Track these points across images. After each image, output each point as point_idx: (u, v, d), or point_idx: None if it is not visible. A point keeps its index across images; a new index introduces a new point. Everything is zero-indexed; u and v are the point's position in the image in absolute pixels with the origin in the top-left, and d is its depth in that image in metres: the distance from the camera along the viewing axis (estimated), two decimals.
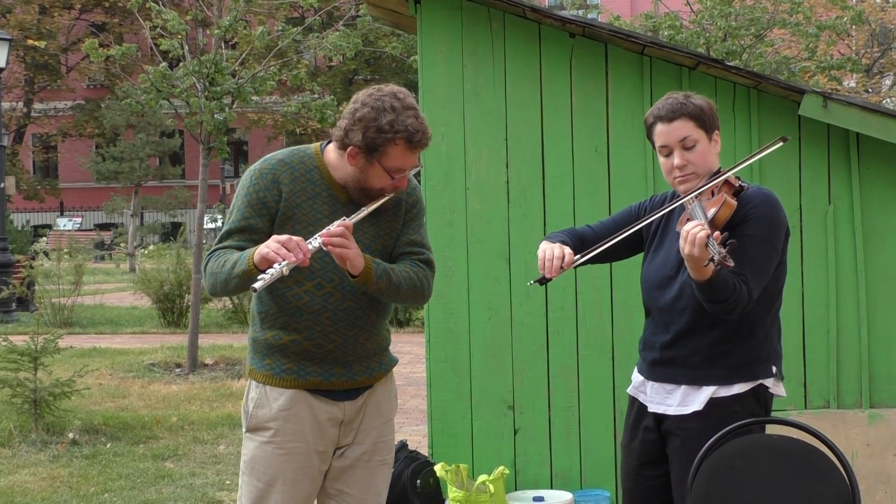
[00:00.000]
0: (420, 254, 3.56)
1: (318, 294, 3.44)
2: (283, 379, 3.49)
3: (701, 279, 3.27)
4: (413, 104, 3.40)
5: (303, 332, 3.45)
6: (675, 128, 3.54)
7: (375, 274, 3.36)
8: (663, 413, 3.59)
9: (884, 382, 5.86)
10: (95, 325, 16.50)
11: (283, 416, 3.48)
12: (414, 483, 5.72)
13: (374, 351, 3.57)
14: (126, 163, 35.22)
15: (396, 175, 3.41)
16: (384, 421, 3.64)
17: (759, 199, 3.49)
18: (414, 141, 3.35)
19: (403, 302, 3.54)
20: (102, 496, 6.84)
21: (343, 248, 3.27)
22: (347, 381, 3.52)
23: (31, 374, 8.33)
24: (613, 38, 5.88)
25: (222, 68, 11.50)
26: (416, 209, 3.60)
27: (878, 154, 5.82)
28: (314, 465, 3.52)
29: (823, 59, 15.58)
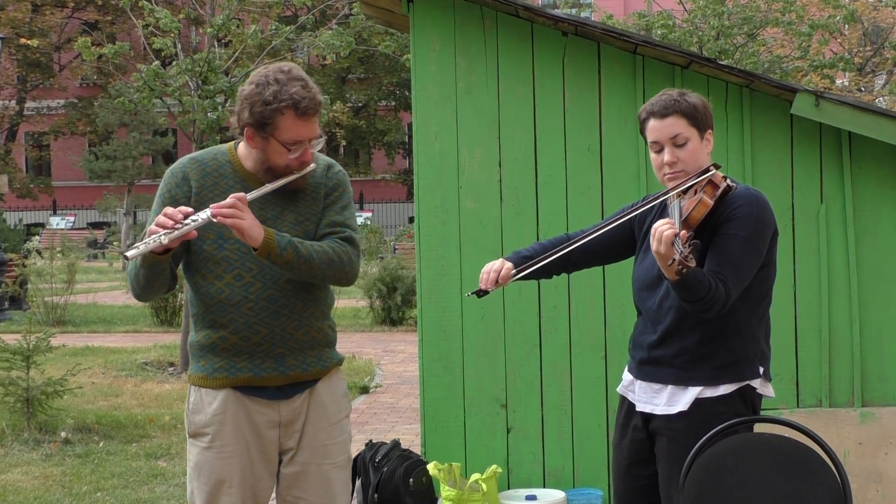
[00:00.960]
0: (340, 232, 3.47)
1: (238, 285, 3.41)
2: (216, 379, 3.45)
3: (671, 278, 3.29)
4: (301, 76, 3.38)
5: (228, 327, 3.42)
6: (667, 124, 3.53)
7: (278, 245, 3.29)
8: (651, 412, 3.59)
9: (876, 381, 5.87)
10: (88, 324, 16.48)
11: (219, 420, 3.45)
12: (407, 482, 5.72)
13: (308, 344, 3.49)
14: (119, 161, 35.16)
15: (293, 147, 3.37)
16: (331, 423, 3.55)
17: (744, 199, 3.48)
18: (300, 108, 3.32)
19: (322, 279, 3.42)
20: (95, 495, 6.84)
21: (234, 218, 3.23)
22: (279, 376, 3.44)
23: (24, 373, 8.32)
24: (606, 36, 5.89)
25: (215, 67, 11.50)
26: (338, 192, 3.53)
27: (870, 153, 5.83)
28: (258, 467, 3.49)
29: (816, 58, 15.60)
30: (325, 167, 3.56)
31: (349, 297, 17.46)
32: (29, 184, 40.16)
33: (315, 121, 3.40)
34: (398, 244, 26.70)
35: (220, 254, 3.43)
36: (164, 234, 3.18)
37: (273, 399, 3.46)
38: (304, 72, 3.46)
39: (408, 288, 15.47)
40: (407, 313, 15.77)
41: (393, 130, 39.96)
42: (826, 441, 3.57)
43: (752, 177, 5.85)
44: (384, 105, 41.06)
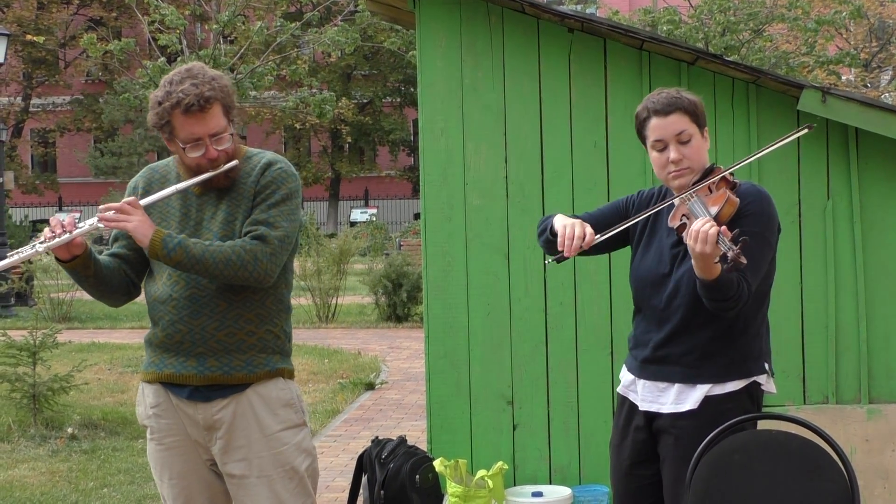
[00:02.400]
0: (254, 230, 3.40)
1: (168, 284, 3.46)
2: (148, 373, 3.53)
3: (708, 278, 3.23)
4: (198, 73, 3.37)
5: (158, 324, 3.48)
6: (671, 122, 3.49)
7: (166, 246, 3.30)
8: (656, 412, 3.57)
9: (883, 378, 5.86)
10: (94, 320, 16.53)
11: (155, 413, 3.53)
12: (413, 478, 5.72)
13: (235, 347, 3.44)
14: (124, 158, 35.22)
15: (188, 146, 3.37)
16: (267, 433, 3.47)
17: (753, 195, 3.47)
18: (183, 105, 3.31)
19: (221, 278, 3.35)
20: (101, 491, 6.85)
21: (117, 221, 3.31)
22: (198, 376, 3.43)
23: (30, 369, 8.33)
24: (612, 33, 5.88)
25: (221, 63, 11.50)
26: (269, 191, 3.46)
27: (877, 149, 5.82)
28: (200, 456, 3.52)
29: (822, 53, 15.58)
30: (264, 166, 3.51)
31: (355, 293, 17.49)
32: (35, 180, 40.22)
33: (208, 117, 3.35)
34: (403, 241, 26.70)
35: None
36: (40, 244, 3.28)
37: (191, 399, 3.47)
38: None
39: (413, 284, 15.48)
40: (412, 309, 15.78)
41: (398, 128, 39.95)
42: (833, 438, 3.56)
43: (758, 173, 5.84)
44: (389, 102, 41.05)
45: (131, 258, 3.53)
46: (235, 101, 3.47)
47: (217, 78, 3.41)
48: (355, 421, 8.95)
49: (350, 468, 6.58)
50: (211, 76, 3.40)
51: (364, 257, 20.39)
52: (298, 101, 12.65)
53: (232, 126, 3.46)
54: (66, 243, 3.31)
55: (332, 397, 9.92)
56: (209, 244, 3.35)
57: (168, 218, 3.49)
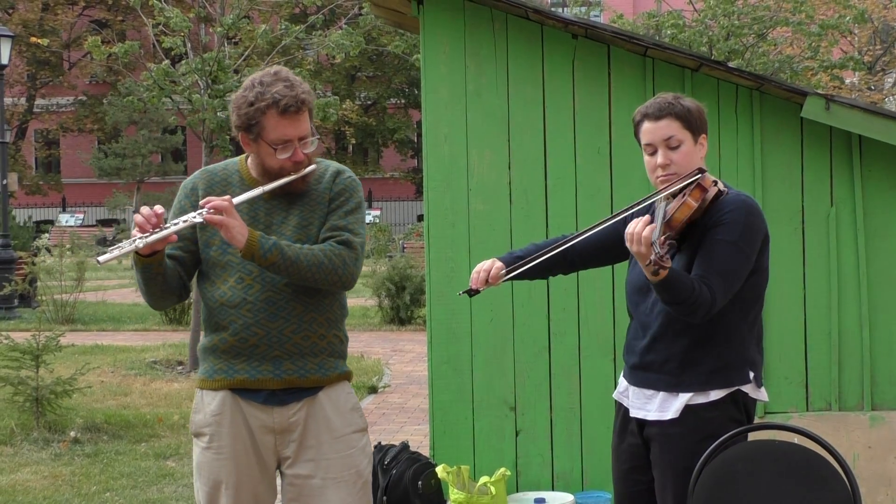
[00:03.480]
0: (338, 235, 3.45)
1: (239, 287, 3.43)
2: (215, 380, 3.49)
3: (650, 279, 3.29)
4: (288, 77, 3.40)
5: (228, 329, 3.44)
6: (661, 126, 3.51)
7: (262, 247, 3.30)
8: (644, 418, 3.59)
9: (886, 384, 5.87)
10: (97, 322, 16.51)
11: (216, 421, 3.48)
12: (415, 484, 5.72)
13: (308, 350, 3.47)
14: (128, 159, 35.26)
15: (279, 147, 3.38)
16: (336, 436, 3.50)
17: (733, 204, 3.47)
18: (281, 106, 3.33)
19: (313, 282, 3.38)
20: (104, 495, 6.85)
21: (220, 218, 3.26)
22: (275, 380, 3.44)
23: (33, 373, 8.33)
24: (616, 39, 5.88)
25: (225, 66, 11.50)
26: (344, 198, 3.52)
27: (880, 156, 5.82)
28: (255, 470, 3.50)
29: (826, 58, 15.57)
30: (335, 173, 3.56)
31: (358, 296, 17.47)
32: (38, 181, 40.26)
33: (301, 119, 3.39)
34: (407, 243, 26.71)
35: (224, 258, 3.46)
36: (140, 239, 3.22)
37: (267, 404, 3.46)
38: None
39: (416, 287, 15.47)
40: (416, 312, 15.77)
41: (403, 128, 39.96)
42: (835, 444, 3.57)
43: (762, 180, 5.85)
44: (394, 103, 41.07)
45: (186, 260, 3.49)
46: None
47: (304, 83, 3.45)
48: None
49: None
50: (299, 80, 3.45)
51: (367, 259, 20.40)
52: None
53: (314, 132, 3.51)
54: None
55: None
56: (300, 247, 3.38)
57: None
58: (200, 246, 3.47)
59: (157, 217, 3.25)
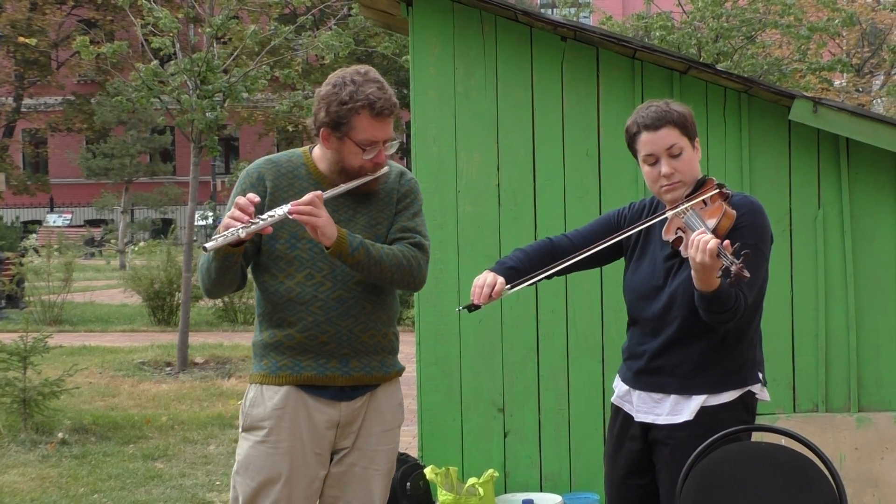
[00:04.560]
0: (411, 238, 3.52)
1: (309, 284, 3.44)
2: (279, 376, 3.48)
3: (708, 290, 3.24)
4: (378, 78, 3.42)
5: (296, 325, 3.45)
6: (662, 136, 3.50)
7: (350, 245, 3.33)
8: (651, 422, 3.58)
9: (872, 386, 5.89)
10: (85, 323, 16.46)
11: (278, 415, 3.47)
12: (404, 486, 5.73)
13: (374, 348, 3.52)
14: (116, 159, 35.09)
15: (368, 147, 3.40)
16: (385, 429, 3.59)
17: (746, 207, 3.48)
18: (376, 108, 3.36)
19: (391, 282, 3.45)
20: (92, 497, 6.84)
21: (310, 215, 3.27)
22: (343, 377, 3.48)
23: (21, 374, 8.31)
24: (605, 41, 5.89)
25: (214, 67, 11.49)
26: (410, 199, 3.58)
27: (867, 159, 5.85)
28: (311, 466, 3.50)
29: (815, 60, 15.61)
30: (399, 174, 3.60)
31: None
32: (26, 181, 40.10)
33: (390, 122, 3.43)
34: None
35: (292, 253, 3.46)
36: (242, 228, 3.22)
37: (334, 399, 3.50)
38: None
39: None
40: (404, 313, 15.75)
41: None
42: (822, 446, 3.58)
43: (749, 182, 5.86)
44: None
45: (248, 250, 3.47)
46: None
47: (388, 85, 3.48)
48: None
49: None
50: (387, 83, 3.46)
51: None
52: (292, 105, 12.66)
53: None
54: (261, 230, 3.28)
55: None
56: (382, 247, 3.42)
57: None
58: (265, 238, 3.45)
59: (250, 206, 3.27)
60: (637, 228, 3.63)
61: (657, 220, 3.58)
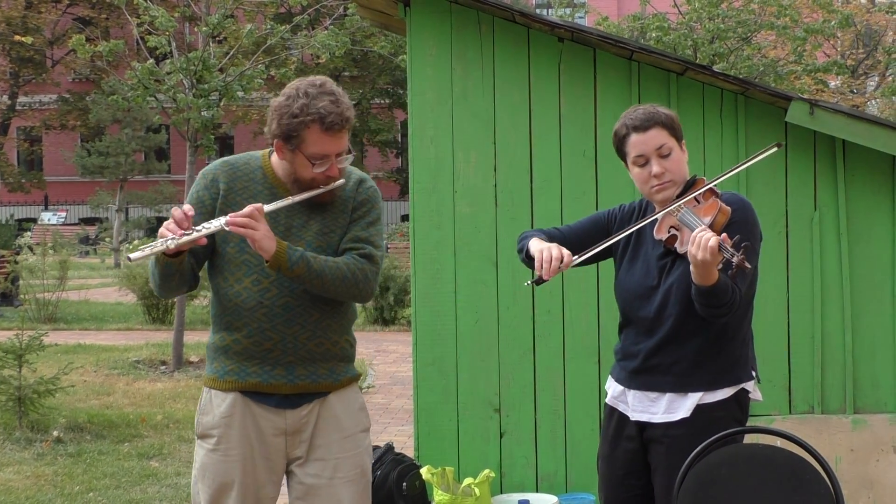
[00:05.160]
0: (361, 249, 3.45)
1: (256, 290, 3.41)
2: (226, 381, 3.46)
3: (706, 284, 3.27)
4: (332, 90, 3.37)
5: (242, 330, 3.42)
6: (651, 136, 3.55)
7: (289, 259, 3.29)
8: (647, 421, 3.60)
9: (868, 388, 5.90)
10: (80, 321, 16.44)
11: (226, 423, 3.46)
12: (400, 486, 5.73)
13: (322, 356, 3.47)
14: (111, 157, 35.05)
15: (317, 161, 3.37)
16: (345, 436, 3.52)
17: (736, 203, 3.53)
18: (326, 123, 3.31)
19: (334, 293, 3.39)
20: (87, 495, 6.83)
21: (247, 227, 3.24)
22: (287, 384, 3.43)
23: (16, 372, 8.30)
24: (602, 42, 5.90)
25: (210, 66, 11.48)
26: (366, 208, 3.52)
27: (863, 160, 5.86)
28: (261, 472, 3.48)
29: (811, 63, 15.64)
30: (357, 181, 3.55)
31: None
32: (21, 178, 40.03)
33: (343, 136, 3.39)
34: (391, 243, 26.65)
35: (241, 257, 3.44)
36: (172, 240, 3.19)
37: (279, 407, 3.46)
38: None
39: (400, 287, 15.45)
40: (399, 313, 15.76)
41: (385, 129, 39.89)
42: (818, 447, 3.59)
43: (746, 183, 5.88)
44: (378, 103, 41.01)
45: (199, 252, 3.45)
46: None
47: (346, 98, 3.44)
48: None
49: None
50: (343, 94, 3.43)
51: None
52: None
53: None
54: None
55: None
56: (325, 259, 3.36)
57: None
58: (217, 241, 3.44)
59: (188, 219, 3.23)
60: (634, 228, 3.64)
61: (652, 220, 3.59)
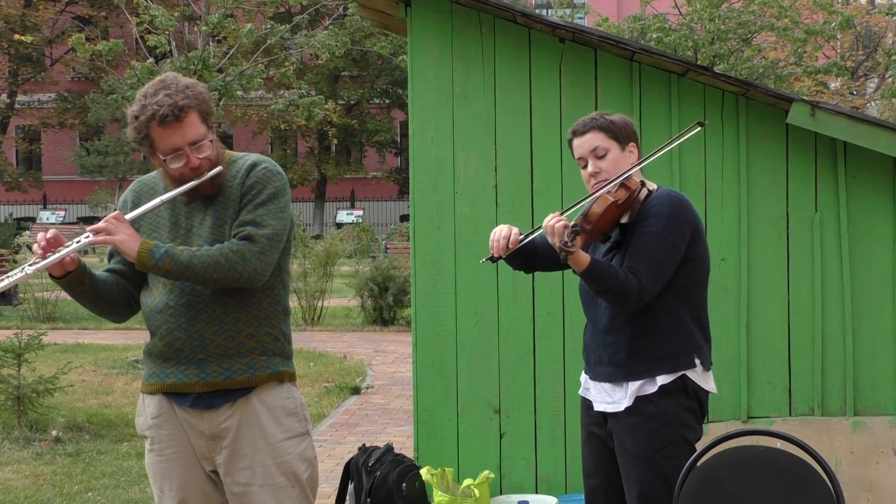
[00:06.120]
0: (241, 231, 3.39)
1: (162, 292, 3.46)
2: (150, 384, 3.52)
3: (577, 269, 3.56)
4: (171, 83, 3.36)
5: (156, 334, 3.47)
6: (587, 139, 3.80)
7: (153, 257, 3.30)
8: (602, 411, 3.81)
9: (868, 390, 5.89)
10: (79, 320, 16.43)
11: (156, 423, 3.51)
12: (399, 486, 5.72)
13: (234, 350, 3.43)
14: (110, 157, 35.07)
15: (168, 157, 3.36)
16: (272, 442, 3.48)
17: (658, 199, 3.73)
18: (158, 117, 3.31)
19: (214, 282, 3.35)
20: (86, 495, 6.82)
21: (106, 233, 3.30)
22: (200, 383, 3.42)
23: (15, 371, 8.30)
24: (603, 43, 5.89)
25: (210, 65, 11.48)
26: (254, 191, 3.45)
27: (864, 163, 5.85)
28: (200, 467, 3.52)
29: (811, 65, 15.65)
30: (249, 168, 3.50)
31: (341, 296, 17.47)
32: (19, 177, 40.01)
33: (184, 126, 3.34)
34: (390, 243, 26.69)
35: None
36: (29, 265, 3.27)
37: (195, 407, 3.46)
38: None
39: (399, 288, 15.46)
40: (399, 313, 15.76)
41: (384, 129, 39.90)
42: (817, 450, 3.59)
43: (747, 185, 5.87)
44: (377, 103, 41.02)
45: (128, 273, 3.53)
46: (213, 107, 3.49)
47: (191, 86, 3.40)
48: (341, 426, 8.95)
49: (336, 474, 6.58)
50: (185, 84, 3.39)
51: (350, 259, 20.36)
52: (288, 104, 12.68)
53: (212, 132, 3.44)
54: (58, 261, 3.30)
55: (317, 401, 9.91)
56: (196, 250, 3.35)
57: (159, 228, 3.50)
58: (68, 263, 3.43)
59: (49, 242, 3.28)
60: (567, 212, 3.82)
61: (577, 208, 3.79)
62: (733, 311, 5.89)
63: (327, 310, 16.60)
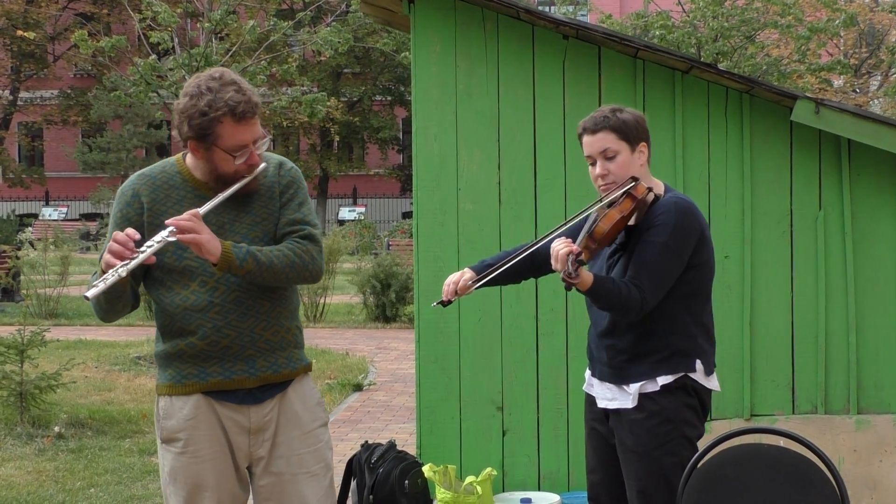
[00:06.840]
0: (300, 230, 3.44)
1: (203, 291, 3.39)
2: (186, 385, 3.44)
3: (581, 289, 3.52)
4: (234, 79, 3.34)
5: (196, 333, 3.39)
6: (597, 139, 3.74)
7: (237, 257, 3.27)
8: (605, 408, 3.82)
9: (871, 388, 5.89)
10: (81, 317, 16.43)
11: (192, 425, 3.44)
12: (402, 483, 5.71)
13: (278, 344, 3.47)
14: (113, 153, 35.08)
15: (237, 153, 3.34)
16: (305, 432, 3.52)
17: (664, 208, 3.69)
18: (237, 113, 3.28)
19: (287, 282, 3.41)
20: (88, 491, 6.82)
21: (192, 232, 3.22)
22: (250, 378, 3.43)
23: (18, 367, 8.30)
24: (607, 40, 5.88)
25: (212, 62, 11.48)
26: (293, 190, 3.50)
27: (868, 160, 5.84)
28: (232, 469, 3.49)
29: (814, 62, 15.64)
30: (277, 165, 3.53)
31: (343, 293, 17.46)
32: (22, 174, 40.02)
33: (255, 122, 3.35)
34: (392, 240, 26.68)
35: (181, 264, 3.41)
36: (122, 267, 3.16)
37: (243, 403, 3.45)
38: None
39: (402, 285, 15.45)
40: (401, 310, 15.75)
41: (387, 126, 39.89)
42: (821, 447, 3.59)
43: (751, 182, 5.87)
44: (379, 100, 41.00)
45: (135, 270, 3.41)
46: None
47: (248, 83, 3.40)
48: (343, 423, 8.94)
49: (338, 470, 6.58)
50: (245, 81, 3.39)
51: (352, 256, 20.35)
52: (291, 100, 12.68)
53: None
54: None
55: None
56: (270, 250, 3.36)
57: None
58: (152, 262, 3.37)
59: (133, 242, 3.20)
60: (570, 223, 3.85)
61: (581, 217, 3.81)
62: (737, 308, 5.88)
63: (329, 306, 16.59)
